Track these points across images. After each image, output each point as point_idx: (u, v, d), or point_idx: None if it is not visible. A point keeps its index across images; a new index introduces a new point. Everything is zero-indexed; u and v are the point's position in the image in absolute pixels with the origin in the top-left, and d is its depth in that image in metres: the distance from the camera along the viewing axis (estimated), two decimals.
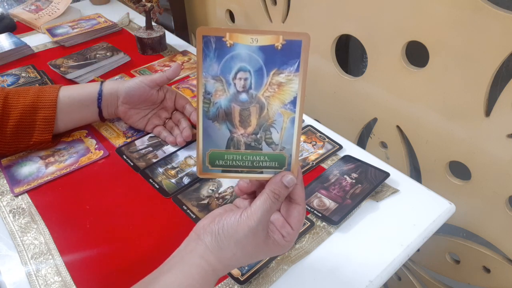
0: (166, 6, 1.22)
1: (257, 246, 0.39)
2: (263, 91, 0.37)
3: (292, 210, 0.41)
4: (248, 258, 0.41)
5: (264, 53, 0.36)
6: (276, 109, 0.38)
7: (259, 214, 0.38)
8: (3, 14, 1.16)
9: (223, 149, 0.39)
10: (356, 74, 0.85)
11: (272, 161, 0.39)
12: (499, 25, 0.56)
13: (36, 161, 0.69)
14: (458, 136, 0.70)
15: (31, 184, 0.65)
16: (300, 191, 0.41)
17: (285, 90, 0.38)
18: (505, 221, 0.69)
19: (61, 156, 0.70)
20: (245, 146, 0.39)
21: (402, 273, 0.97)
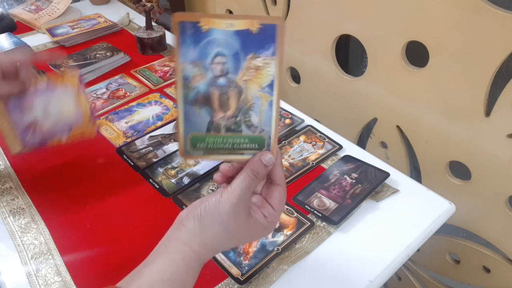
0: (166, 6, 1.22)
1: (239, 224, 0.40)
2: (241, 75, 0.38)
3: (273, 191, 0.41)
4: (231, 239, 0.41)
5: (240, 38, 0.36)
6: (254, 93, 0.39)
7: (239, 191, 0.38)
8: (3, 14, 1.16)
9: (203, 132, 0.39)
10: (356, 74, 0.85)
11: (252, 143, 0.40)
12: (499, 25, 0.56)
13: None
14: (458, 136, 0.70)
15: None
16: (280, 172, 0.41)
17: (262, 74, 0.38)
18: (505, 221, 0.69)
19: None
20: (225, 129, 0.40)
21: (402, 273, 0.97)
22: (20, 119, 0.58)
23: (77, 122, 0.59)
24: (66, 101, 0.59)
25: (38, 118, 0.58)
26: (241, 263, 0.53)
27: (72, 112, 0.59)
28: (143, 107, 0.84)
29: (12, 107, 0.58)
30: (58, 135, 0.59)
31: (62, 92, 0.60)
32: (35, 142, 0.59)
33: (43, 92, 0.59)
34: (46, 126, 0.58)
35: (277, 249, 0.55)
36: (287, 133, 0.76)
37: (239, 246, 0.55)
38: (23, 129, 0.58)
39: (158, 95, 0.87)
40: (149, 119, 0.80)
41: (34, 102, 0.59)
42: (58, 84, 0.60)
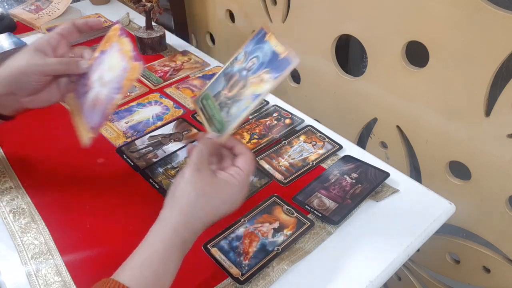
0: (166, 6, 1.22)
1: (206, 182, 0.44)
2: (252, 77, 0.49)
3: (238, 158, 0.48)
4: (204, 199, 0.44)
5: (272, 55, 0.48)
6: (248, 93, 0.48)
7: (194, 157, 0.46)
8: (3, 14, 1.16)
9: (212, 94, 0.53)
10: (356, 74, 0.85)
11: (219, 123, 0.51)
12: (499, 25, 0.56)
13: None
14: (458, 136, 0.70)
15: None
16: (241, 146, 0.49)
17: (260, 86, 0.48)
18: (505, 221, 0.69)
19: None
20: (219, 102, 0.52)
21: (402, 273, 0.97)
22: (85, 102, 0.56)
23: (126, 73, 0.53)
24: (114, 59, 0.55)
25: (98, 92, 0.55)
26: (241, 263, 0.53)
27: (121, 66, 0.54)
28: (143, 107, 0.84)
29: (79, 94, 0.57)
30: (114, 98, 0.53)
31: (109, 53, 0.56)
32: (99, 120, 0.54)
33: (96, 62, 0.56)
34: (102, 96, 0.54)
35: (277, 249, 0.55)
36: (287, 133, 0.76)
37: (240, 243, 0.55)
38: (88, 111, 0.55)
39: (158, 95, 0.87)
40: (149, 119, 0.80)
41: (91, 77, 0.56)
42: (104, 46, 0.57)
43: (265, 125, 0.78)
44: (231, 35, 1.15)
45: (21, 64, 0.52)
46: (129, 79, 0.52)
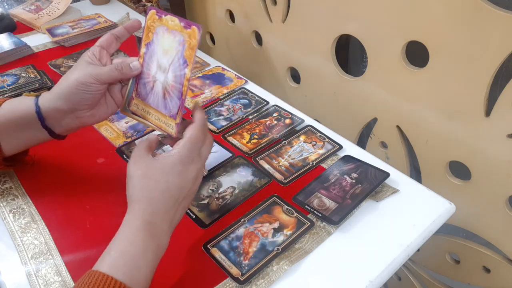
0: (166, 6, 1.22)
1: (146, 167, 0.47)
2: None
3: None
4: (147, 181, 0.46)
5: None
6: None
7: (132, 152, 0.50)
8: (3, 14, 1.16)
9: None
10: (356, 74, 0.85)
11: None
12: (499, 25, 0.56)
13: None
14: (458, 136, 0.70)
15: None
16: (197, 113, 0.52)
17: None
18: (505, 221, 0.69)
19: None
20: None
21: (402, 273, 0.97)
22: (155, 98, 0.55)
23: (184, 44, 0.50)
24: (165, 41, 0.53)
25: (164, 81, 0.53)
26: (241, 263, 0.53)
27: (176, 42, 0.51)
28: None
29: (144, 96, 0.56)
30: (184, 74, 0.51)
31: (156, 40, 0.54)
32: (178, 103, 0.52)
33: (146, 57, 0.55)
34: (170, 81, 0.52)
35: (277, 249, 0.55)
36: (287, 133, 0.76)
37: (240, 243, 0.55)
38: (163, 103, 0.54)
39: None
40: None
41: (149, 72, 0.55)
42: (147, 37, 0.55)
43: (265, 125, 0.78)
44: (231, 35, 1.15)
45: (79, 76, 0.54)
46: (190, 48, 0.50)
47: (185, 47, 0.50)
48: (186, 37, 0.50)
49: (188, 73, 0.50)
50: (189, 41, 0.50)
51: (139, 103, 0.57)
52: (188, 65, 0.50)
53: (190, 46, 0.50)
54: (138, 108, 0.57)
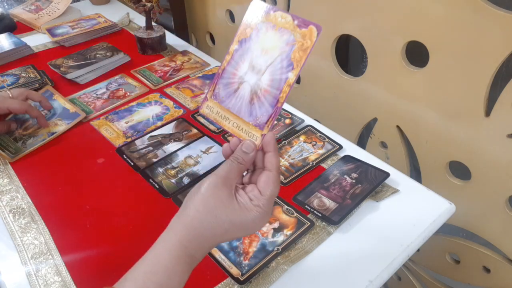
0: (166, 6, 1.22)
1: (220, 200, 0.40)
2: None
3: (261, 175, 0.42)
4: (212, 218, 0.39)
5: (63, 110, 0.67)
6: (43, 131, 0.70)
7: (220, 170, 0.41)
8: (3, 14, 1.16)
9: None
10: (356, 74, 0.85)
11: (13, 149, 0.58)
12: (499, 25, 0.56)
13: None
14: (458, 136, 0.70)
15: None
16: (272, 158, 0.42)
17: (55, 127, 0.59)
18: (505, 221, 0.69)
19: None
20: (14, 137, 0.67)
21: (402, 273, 0.97)
22: (237, 102, 0.47)
23: (294, 45, 0.44)
24: (267, 40, 0.46)
25: (255, 84, 0.45)
26: (241, 263, 0.53)
27: (282, 41, 0.44)
28: (143, 107, 0.84)
29: (223, 98, 0.47)
30: (287, 78, 0.44)
31: (256, 37, 0.46)
32: (271, 111, 0.44)
33: (237, 54, 0.47)
34: (265, 85, 0.45)
35: (277, 249, 0.55)
36: (287, 133, 0.76)
37: (240, 242, 0.55)
38: (247, 109, 0.46)
39: (158, 95, 0.87)
40: (149, 119, 0.80)
41: (236, 72, 0.47)
42: (244, 33, 0.48)
43: None
44: (231, 35, 1.15)
45: None
46: (302, 49, 0.43)
47: (294, 48, 0.44)
48: (299, 37, 0.43)
49: (293, 77, 0.43)
50: (302, 42, 0.43)
51: (214, 106, 0.48)
52: (294, 68, 0.43)
53: (302, 48, 0.43)
54: (212, 112, 0.48)
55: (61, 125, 0.78)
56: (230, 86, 0.47)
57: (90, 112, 0.82)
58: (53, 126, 0.77)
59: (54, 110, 0.81)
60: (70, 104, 0.82)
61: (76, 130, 0.78)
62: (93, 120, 0.80)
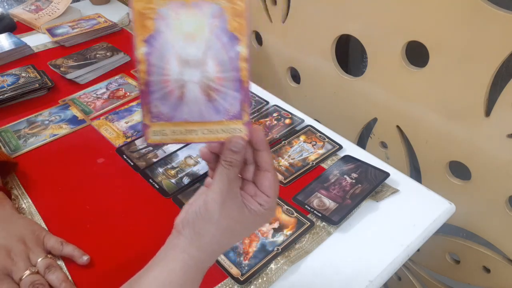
0: None
1: (233, 219, 0.38)
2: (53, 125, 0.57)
3: (262, 179, 0.39)
4: (230, 236, 0.39)
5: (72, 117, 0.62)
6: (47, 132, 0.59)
7: (220, 185, 0.37)
8: (3, 14, 1.16)
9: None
10: (356, 74, 0.85)
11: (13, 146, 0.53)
12: (499, 25, 0.56)
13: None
14: (458, 136, 0.70)
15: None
16: (266, 157, 0.39)
17: (59, 130, 0.56)
18: (505, 221, 0.69)
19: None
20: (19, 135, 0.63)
21: (402, 273, 0.96)
22: (192, 106, 0.38)
23: (224, 14, 0.36)
24: (186, 22, 0.36)
25: (201, 77, 0.37)
26: (241, 263, 0.53)
27: (207, 16, 0.36)
28: None
29: (166, 113, 0.38)
30: (238, 53, 0.37)
31: (167, 25, 0.36)
32: (240, 96, 0.38)
33: (152, 55, 0.37)
34: (213, 72, 0.37)
35: (277, 249, 0.55)
36: (287, 133, 0.76)
37: (240, 243, 0.55)
38: (209, 107, 0.38)
39: None
40: None
41: (169, 74, 0.37)
42: (142, 29, 0.36)
43: (265, 125, 0.78)
44: None
45: None
46: (236, 15, 0.36)
47: (226, 18, 0.36)
48: (224, 3, 0.36)
49: (244, 50, 0.36)
50: (232, 7, 0.36)
51: (163, 128, 0.39)
52: (240, 39, 0.36)
53: (236, 13, 0.36)
54: (165, 135, 0.39)
55: (65, 128, 0.78)
56: (170, 96, 0.38)
57: (90, 112, 0.82)
58: (57, 129, 0.78)
59: (64, 116, 0.82)
60: (81, 113, 0.82)
61: (76, 130, 0.78)
62: (93, 120, 0.80)
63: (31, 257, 0.52)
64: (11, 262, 0.51)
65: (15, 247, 0.52)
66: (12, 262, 0.51)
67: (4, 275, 0.50)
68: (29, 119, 0.80)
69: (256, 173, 0.40)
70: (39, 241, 0.55)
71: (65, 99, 0.87)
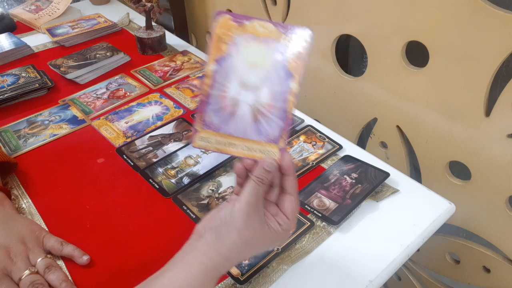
0: (166, 6, 1.22)
1: (254, 231, 0.41)
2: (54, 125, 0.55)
3: (285, 200, 0.43)
4: (248, 247, 0.41)
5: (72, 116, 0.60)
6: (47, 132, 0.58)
7: (248, 197, 0.40)
8: (3, 14, 1.16)
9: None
10: (356, 74, 0.85)
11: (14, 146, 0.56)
12: (499, 25, 0.56)
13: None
14: (458, 136, 0.70)
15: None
16: (292, 182, 0.43)
17: (59, 130, 0.53)
18: (505, 221, 0.69)
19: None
20: (18, 135, 0.64)
21: (402, 273, 0.96)
22: (238, 125, 0.43)
23: (284, 54, 0.42)
24: (251, 52, 0.43)
25: (254, 101, 0.43)
26: (241, 263, 0.53)
27: (270, 50, 0.43)
28: (143, 107, 0.84)
29: (218, 126, 0.43)
30: (289, 89, 0.43)
31: (236, 53, 0.43)
32: (283, 124, 0.43)
33: (218, 76, 0.43)
34: (265, 99, 0.43)
35: (277, 249, 0.55)
36: None
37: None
38: (253, 129, 0.43)
39: (158, 95, 0.87)
40: (149, 119, 0.80)
41: (226, 95, 0.43)
42: (218, 51, 0.44)
43: None
44: None
45: None
46: (297, 56, 0.42)
47: (287, 57, 0.42)
48: (287, 45, 0.42)
49: (296, 86, 0.42)
50: (295, 49, 0.42)
51: (209, 136, 0.43)
52: (294, 77, 0.42)
53: (296, 55, 0.42)
54: (209, 142, 0.43)
55: (65, 128, 0.78)
56: (223, 111, 0.43)
57: (90, 112, 0.82)
58: (57, 129, 0.77)
59: (64, 116, 0.81)
60: (81, 113, 0.82)
61: (76, 130, 0.78)
62: (93, 120, 0.80)
63: (31, 257, 0.52)
64: (11, 262, 0.51)
65: (15, 247, 0.52)
66: (11, 262, 0.51)
67: (4, 275, 0.50)
68: (29, 119, 0.80)
69: (281, 195, 0.44)
70: (39, 241, 0.55)
71: (65, 99, 0.87)
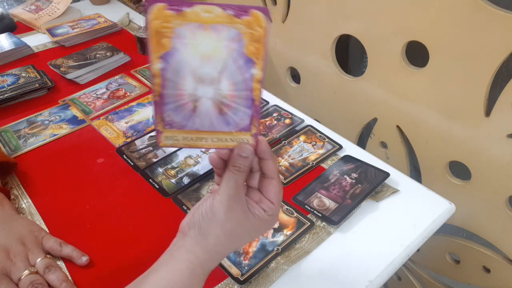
0: None
1: (237, 222, 0.40)
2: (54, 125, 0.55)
3: (267, 185, 0.42)
4: (234, 240, 0.41)
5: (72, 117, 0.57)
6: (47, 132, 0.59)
7: (227, 189, 0.39)
8: (3, 14, 1.16)
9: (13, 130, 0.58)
10: (356, 74, 0.85)
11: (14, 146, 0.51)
12: (499, 25, 0.56)
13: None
14: (458, 136, 0.70)
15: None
16: (271, 166, 0.41)
17: (59, 130, 0.54)
18: (505, 221, 0.69)
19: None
20: (19, 135, 0.64)
21: (402, 273, 0.96)
22: (202, 119, 0.40)
23: (241, 39, 0.38)
24: (202, 43, 0.38)
25: (214, 93, 0.39)
26: (241, 263, 0.53)
27: (224, 39, 0.38)
28: (143, 107, 0.84)
29: (181, 123, 0.40)
30: (252, 76, 0.39)
31: (183, 44, 0.38)
32: (251, 111, 0.40)
33: (168, 73, 0.38)
34: (226, 90, 0.39)
35: (277, 249, 0.55)
36: (287, 133, 0.76)
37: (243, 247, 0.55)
38: (220, 121, 0.40)
39: None
40: (149, 119, 0.80)
41: (183, 91, 0.39)
42: (159, 46, 0.37)
43: (265, 125, 0.78)
44: None
45: None
46: (254, 40, 0.37)
47: (244, 43, 0.37)
48: (244, 29, 0.37)
49: (259, 73, 0.38)
50: (250, 33, 0.37)
51: (175, 134, 0.41)
52: (255, 63, 0.38)
53: (253, 39, 0.37)
54: (176, 140, 0.41)
55: (65, 128, 0.78)
56: (183, 108, 0.40)
57: (90, 112, 0.82)
58: (57, 129, 0.77)
59: (64, 116, 0.81)
60: (81, 113, 0.82)
61: (76, 130, 0.78)
62: (93, 120, 0.80)
63: (30, 257, 0.52)
64: (10, 262, 0.51)
65: (14, 247, 0.52)
66: (11, 262, 0.51)
67: (3, 275, 0.50)
68: (29, 119, 0.80)
69: (262, 180, 0.42)
70: (38, 241, 0.55)
71: (65, 99, 0.87)
